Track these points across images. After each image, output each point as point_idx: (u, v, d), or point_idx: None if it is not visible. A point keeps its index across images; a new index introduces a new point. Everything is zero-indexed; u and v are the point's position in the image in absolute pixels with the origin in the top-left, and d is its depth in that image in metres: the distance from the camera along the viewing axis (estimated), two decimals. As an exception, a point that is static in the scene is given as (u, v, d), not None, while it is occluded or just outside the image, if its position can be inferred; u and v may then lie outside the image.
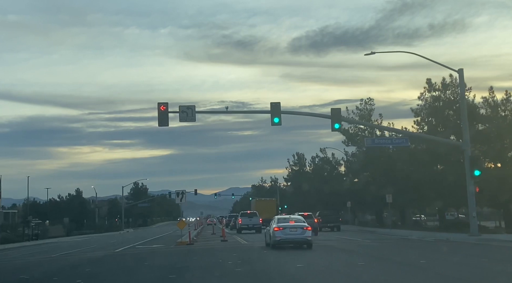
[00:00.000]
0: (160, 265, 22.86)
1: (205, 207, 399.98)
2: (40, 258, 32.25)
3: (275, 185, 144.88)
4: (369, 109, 66.68)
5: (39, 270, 23.98)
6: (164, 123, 37.07)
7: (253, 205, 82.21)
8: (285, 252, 28.01)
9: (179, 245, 37.31)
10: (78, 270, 22.77)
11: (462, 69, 39.33)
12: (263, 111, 40.03)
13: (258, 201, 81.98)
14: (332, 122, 37.48)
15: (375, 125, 54.66)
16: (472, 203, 38.24)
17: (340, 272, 18.83)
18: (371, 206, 75.07)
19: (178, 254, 28.65)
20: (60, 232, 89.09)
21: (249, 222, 58.63)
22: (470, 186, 38.13)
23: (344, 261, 22.81)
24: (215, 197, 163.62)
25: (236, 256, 25.48)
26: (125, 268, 22.81)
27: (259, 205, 76.67)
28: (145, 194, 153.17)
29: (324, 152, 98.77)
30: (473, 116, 44.75)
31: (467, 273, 17.37)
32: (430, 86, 50.28)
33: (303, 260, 23.04)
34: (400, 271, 18.77)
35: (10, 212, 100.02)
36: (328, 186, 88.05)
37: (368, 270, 18.86)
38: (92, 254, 33.11)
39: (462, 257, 24.10)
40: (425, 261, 21.42)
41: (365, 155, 64.96)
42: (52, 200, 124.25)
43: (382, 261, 22.67)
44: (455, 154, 47.71)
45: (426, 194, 52.14)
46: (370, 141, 46.16)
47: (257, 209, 70.74)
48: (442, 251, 27.33)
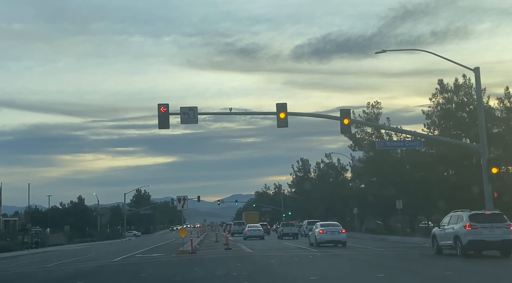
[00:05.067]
0: (157, 278, 20.97)
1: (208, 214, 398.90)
2: (33, 269, 30.47)
3: (279, 191, 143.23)
4: (376, 113, 65.01)
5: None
6: (165, 126, 35.18)
7: (243, 216, 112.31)
8: (295, 262, 26.06)
9: (181, 254, 35.45)
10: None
11: (478, 68, 37.34)
12: (268, 113, 38.18)
13: (246, 214, 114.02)
14: (341, 123, 35.68)
15: (389, 127, 52.81)
16: (490, 209, 36.14)
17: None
18: (379, 213, 73.30)
19: (178, 265, 26.72)
20: (61, 240, 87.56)
21: (239, 228, 79.66)
22: (488, 191, 36.10)
23: (361, 272, 20.84)
24: (218, 204, 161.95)
25: (241, 267, 23.51)
26: (120, 281, 20.93)
27: (248, 216, 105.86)
28: (147, 201, 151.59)
29: (329, 158, 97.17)
30: (488, 118, 42.91)
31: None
32: (442, 88, 48.50)
33: (315, 271, 21.05)
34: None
35: (10, 220, 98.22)
36: (333, 192, 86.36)
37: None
38: (89, 264, 31.29)
39: (490, 268, 22.10)
40: (451, 272, 19.41)
41: (372, 160, 63.19)
42: (54, 207, 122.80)
43: (403, 273, 20.68)
44: (468, 158, 45.98)
45: (437, 199, 50.35)
46: (382, 143, 44.26)
47: (246, 219, 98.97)
48: (465, 261, 25.20)
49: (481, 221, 26.82)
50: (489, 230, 26.39)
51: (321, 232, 40.86)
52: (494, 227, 26.45)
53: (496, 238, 26.22)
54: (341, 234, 40.72)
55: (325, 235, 40.60)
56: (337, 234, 40.70)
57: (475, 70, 37.40)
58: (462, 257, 26.37)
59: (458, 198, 46.75)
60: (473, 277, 18.66)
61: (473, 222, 26.74)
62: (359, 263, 25.17)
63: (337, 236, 40.59)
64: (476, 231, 26.37)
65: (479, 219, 26.97)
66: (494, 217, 27.39)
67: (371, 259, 27.18)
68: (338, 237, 40.57)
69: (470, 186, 43.05)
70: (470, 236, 26.41)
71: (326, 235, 40.62)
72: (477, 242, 26.33)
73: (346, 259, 28.11)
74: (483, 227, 26.45)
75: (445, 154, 46.59)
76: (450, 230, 28.17)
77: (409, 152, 54.72)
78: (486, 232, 26.35)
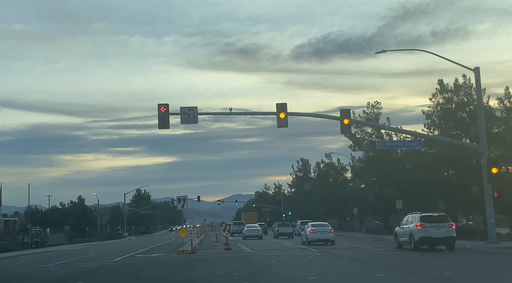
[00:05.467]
0: (157, 278, 20.95)
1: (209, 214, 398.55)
2: (33, 269, 30.41)
3: (279, 191, 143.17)
4: (376, 112, 65.03)
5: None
6: (165, 126, 35.22)
7: (243, 216, 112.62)
8: (295, 262, 26.05)
9: (181, 254, 35.41)
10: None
11: (478, 68, 37.42)
12: (269, 113, 38.19)
13: (245, 214, 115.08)
14: (341, 123, 35.72)
15: (389, 127, 52.79)
16: (490, 209, 36.21)
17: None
18: (379, 213, 73.23)
19: (178, 265, 26.69)
20: (61, 240, 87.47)
21: (238, 228, 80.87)
22: (488, 191, 36.12)
23: (361, 272, 20.82)
24: (218, 204, 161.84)
25: (242, 267, 23.49)
26: (120, 281, 20.92)
27: (246, 216, 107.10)
28: (147, 201, 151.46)
29: (329, 158, 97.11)
30: (488, 118, 42.86)
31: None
32: (442, 88, 48.45)
33: (315, 271, 21.05)
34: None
35: (10, 220, 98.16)
36: (333, 192, 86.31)
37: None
38: (89, 264, 31.25)
39: (491, 268, 22.10)
40: (450, 272, 19.40)
41: (372, 160, 63.17)
42: (54, 207, 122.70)
43: (403, 273, 20.67)
44: (468, 158, 45.92)
45: (437, 199, 50.29)
46: (382, 143, 44.27)
47: (245, 219, 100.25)
48: (465, 261, 25.26)
49: (429, 221, 32.25)
50: (435, 228, 32.02)
51: (311, 232, 44.31)
52: (439, 226, 32.08)
53: (441, 235, 31.95)
54: (330, 233, 44.18)
55: (315, 235, 44.03)
56: (326, 234, 44.08)
57: (475, 70, 37.46)
58: (415, 251, 31.16)
59: (458, 198, 46.74)
60: (473, 277, 18.66)
61: (423, 222, 32.21)
62: (359, 263, 25.14)
63: (326, 235, 43.94)
64: (425, 229, 31.97)
65: (428, 219, 32.43)
66: (440, 218, 32.81)
67: (371, 259, 27.16)
68: (327, 236, 43.85)
69: (470, 186, 43.02)
70: (421, 233, 32.04)
71: (316, 235, 44.04)
72: (426, 238, 32.00)
73: (346, 259, 28.09)
74: (431, 226, 32.00)
75: (445, 154, 46.52)
76: (407, 229, 33.72)
77: (409, 152, 54.68)
78: (433, 230, 31.97)
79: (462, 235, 48.39)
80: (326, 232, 44.30)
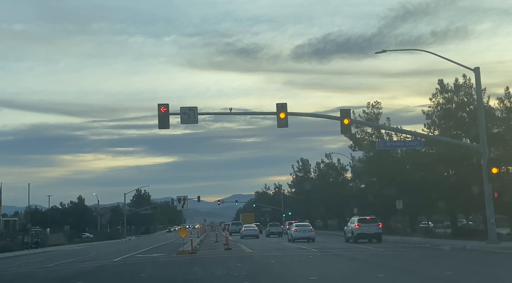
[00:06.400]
0: (157, 278, 20.94)
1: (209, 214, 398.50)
2: (33, 269, 30.44)
3: (279, 191, 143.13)
4: (376, 112, 64.88)
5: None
6: (165, 126, 35.21)
7: (241, 217, 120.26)
8: (295, 262, 26.05)
9: (181, 254, 35.41)
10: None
11: (478, 68, 37.40)
12: (269, 113, 38.18)
13: (243, 215, 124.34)
14: (341, 123, 35.70)
15: (389, 127, 52.77)
16: (490, 209, 36.21)
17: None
18: (379, 213, 73.19)
19: (178, 265, 26.70)
20: (61, 240, 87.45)
21: (236, 228, 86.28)
22: (488, 191, 36.10)
23: (361, 272, 20.82)
24: (218, 204, 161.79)
25: (242, 267, 23.48)
26: (120, 281, 20.91)
27: (244, 217, 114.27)
28: (147, 201, 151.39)
29: (329, 158, 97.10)
30: (488, 118, 42.81)
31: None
32: (442, 88, 48.39)
33: (316, 271, 21.04)
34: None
35: (10, 220, 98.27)
36: (333, 192, 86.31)
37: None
38: (89, 264, 31.25)
39: (491, 268, 22.07)
40: (451, 272, 19.38)
41: (372, 160, 63.10)
42: (54, 207, 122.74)
43: (403, 273, 20.67)
44: (468, 158, 45.86)
45: (437, 199, 50.27)
46: (382, 143, 44.26)
47: (243, 219, 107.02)
48: (465, 261, 25.25)
49: (363, 222, 45.34)
50: (367, 227, 44.91)
51: (295, 231, 51.51)
52: (370, 225, 45.03)
53: (371, 231, 44.82)
54: (311, 232, 51.33)
55: (298, 233, 51.13)
56: (307, 233, 51.13)
57: (475, 70, 37.44)
58: (355, 243, 43.39)
59: (458, 198, 46.69)
60: (473, 277, 18.65)
61: (359, 223, 45.34)
62: (359, 263, 25.14)
63: (308, 234, 50.94)
64: (360, 228, 44.92)
65: (362, 221, 45.54)
66: (371, 220, 45.91)
67: (371, 259, 27.16)
68: (308, 235, 50.81)
69: (470, 186, 42.94)
70: (358, 230, 44.94)
71: (299, 233, 51.13)
72: (361, 234, 44.83)
73: (346, 259, 28.08)
74: (364, 226, 44.92)
75: (445, 154, 46.43)
76: (349, 228, 47.00)
77: (409, 152, 54.62)
78: (366, 228, 44.87)
79: (462, 235, 48.46)
80: (307, 231, 51.22)
